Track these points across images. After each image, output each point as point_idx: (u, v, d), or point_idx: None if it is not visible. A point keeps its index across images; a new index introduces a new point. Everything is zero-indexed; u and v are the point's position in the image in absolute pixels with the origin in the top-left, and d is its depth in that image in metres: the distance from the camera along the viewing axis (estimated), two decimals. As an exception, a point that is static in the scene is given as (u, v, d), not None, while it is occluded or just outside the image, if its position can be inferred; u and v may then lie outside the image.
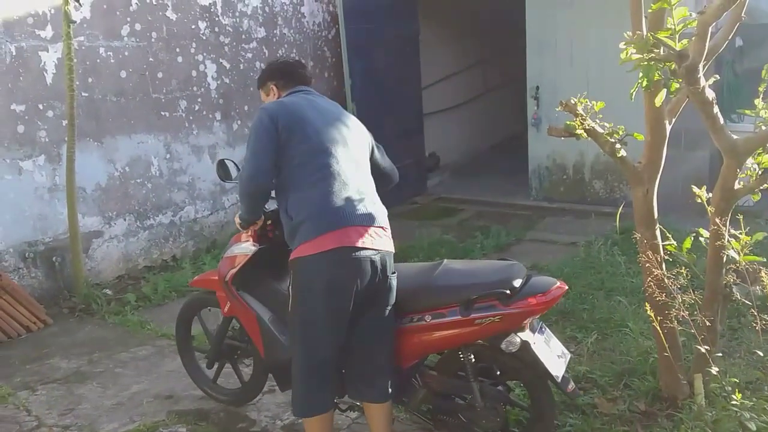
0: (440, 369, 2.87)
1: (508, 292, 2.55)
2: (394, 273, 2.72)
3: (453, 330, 2.62)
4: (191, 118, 6.05)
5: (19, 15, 4.86)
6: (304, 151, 2.59)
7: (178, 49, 5.87)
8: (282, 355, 2.95)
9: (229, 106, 6.36)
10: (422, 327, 2.68)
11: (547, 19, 6.88)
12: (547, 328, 2.81)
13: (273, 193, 2.79)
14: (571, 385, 2.71)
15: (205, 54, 6.10)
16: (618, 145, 2.86)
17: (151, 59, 5.68)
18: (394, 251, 2.74)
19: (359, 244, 2.54)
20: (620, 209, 3.65)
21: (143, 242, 5.79)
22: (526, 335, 2.60)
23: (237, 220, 2.91)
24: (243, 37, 6.42)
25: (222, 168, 3.18)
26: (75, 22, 4.47)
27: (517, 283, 2.59)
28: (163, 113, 5.82)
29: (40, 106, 5.01)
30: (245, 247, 3.03)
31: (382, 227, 2.66)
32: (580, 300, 4.54)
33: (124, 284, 5.48)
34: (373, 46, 7.19)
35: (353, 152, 2.73)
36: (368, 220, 2.60)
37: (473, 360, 2.72)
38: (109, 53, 5.39)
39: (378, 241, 2.61)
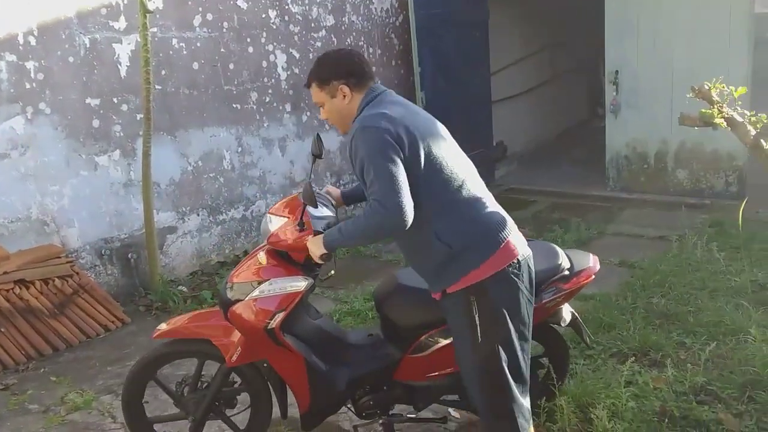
0: None
1: (567, 273, 2.73)
2: None
3: None
4: (262, 110, 5.91)
5: (92, 6, 4.76)
6: (437, 170, 2.33)
7: (249, 39, 5.73)
8: (331, 397, 2.75)
9: (299, 97, 6.20)
10: None
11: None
12: None
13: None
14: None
15: (275, 44, 5.94)
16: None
17: (222, 50, 5.54)
18: None
19: (525, 249, 2.45)
20: (744, 203, 3.36)
21: (216, 237, 5.68)
22: (567, 306, 2.85)
23: (318, 252, 2.44)
24: (312, 25, 6.24)
25: (318, 143, 2.73)
26: (151, 11, 4.33)
27: (568, 263, 2.78)
28: (234, 105, 5.69)
29: (115, 100, 4.91)
30: (295, 282, 2.57)
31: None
32: (683, 301, 4.25)
33: (198, 280, 5.38)
34: (442, 32, 6.93)
35: (462, 154, 2.51)
36: (510, 219, 2.48)
37: None
38: (181, 44, 5.27)
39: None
